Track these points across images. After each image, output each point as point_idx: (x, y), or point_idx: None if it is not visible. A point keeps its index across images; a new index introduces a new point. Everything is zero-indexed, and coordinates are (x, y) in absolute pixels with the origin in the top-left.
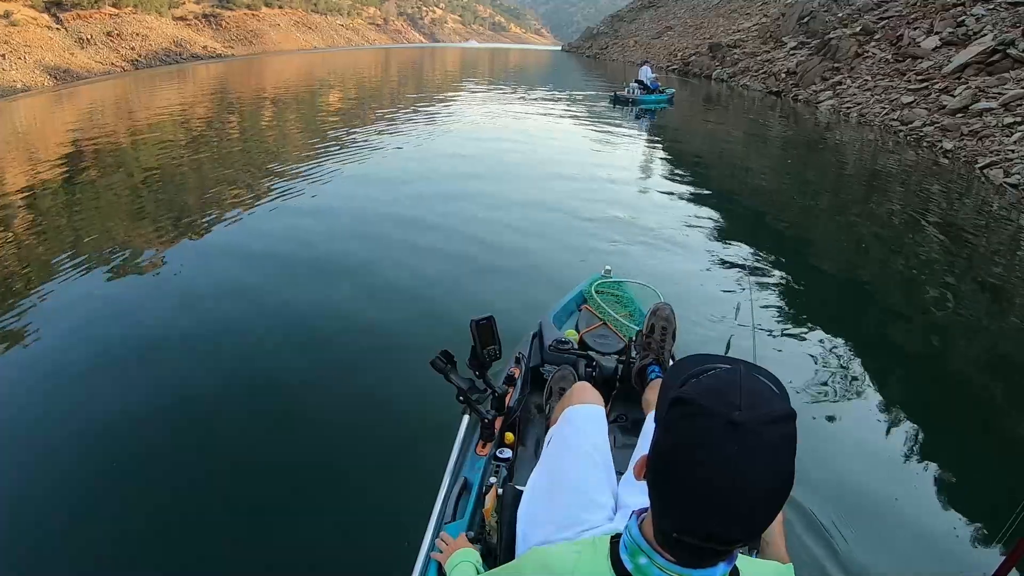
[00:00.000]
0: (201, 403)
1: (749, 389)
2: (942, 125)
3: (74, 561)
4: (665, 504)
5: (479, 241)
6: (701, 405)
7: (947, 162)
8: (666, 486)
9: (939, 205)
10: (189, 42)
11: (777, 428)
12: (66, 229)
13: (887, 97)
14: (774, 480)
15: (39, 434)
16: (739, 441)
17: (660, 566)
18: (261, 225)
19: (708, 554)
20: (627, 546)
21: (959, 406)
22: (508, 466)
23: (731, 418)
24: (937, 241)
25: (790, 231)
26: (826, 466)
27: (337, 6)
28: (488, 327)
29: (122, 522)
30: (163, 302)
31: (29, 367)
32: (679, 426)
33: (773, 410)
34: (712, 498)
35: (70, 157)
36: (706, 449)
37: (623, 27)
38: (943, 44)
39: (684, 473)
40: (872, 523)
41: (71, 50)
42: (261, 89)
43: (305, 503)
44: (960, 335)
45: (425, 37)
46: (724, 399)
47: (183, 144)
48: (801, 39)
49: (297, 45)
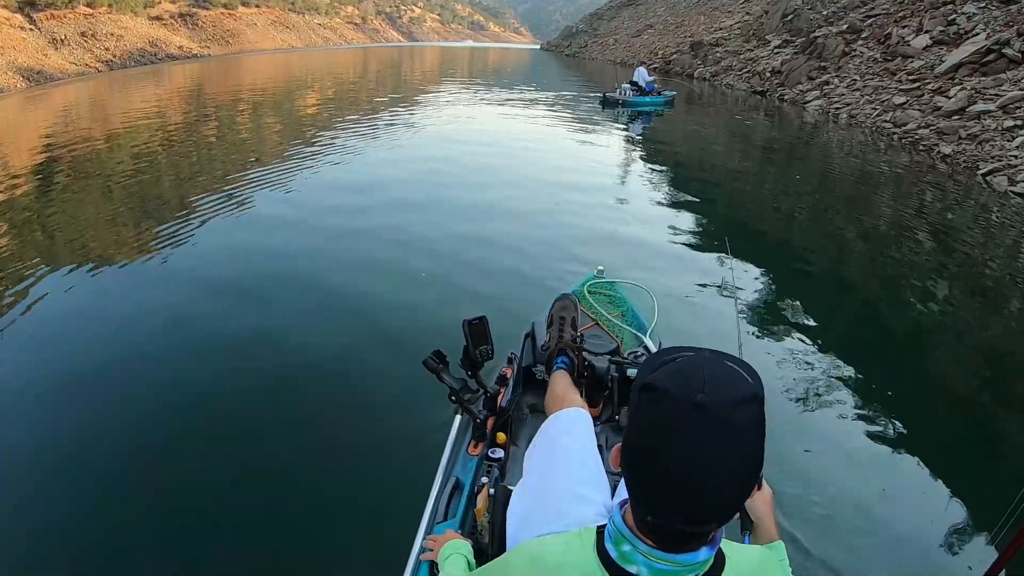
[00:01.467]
0: (192, 405)
1: (713, 373)
2: (938, 128)
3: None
4: (639, 489)
5: (471, 242)
6: (666, 390)
7: (946, 167)
8: (637, 470)
9: (936, 211)
10: (164, 42)
11: (741, 410)
12: (33, 236)
13: (878, 98)
14: (741, 461)
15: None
16: (703, 423)
17: (643, 552)
18: (247, 226)
19: (685, 537)
20: (611, 535)
21: (949, 405)
22: (500, 466)
23: (695, 400)
24: (933, 246)
25: (779, 233)
26: (814, 463)
27: (315, 5)
28: (481, 327)
29: (117, 529)
30: (152, 303)
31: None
32: (647, 411)
33: (736, 391)
34: (680, 480)
35: (41, 161)
36: (672, 432)
37: (602, 25)
38: (934, 43)
39: (653, 456)
40: (861, 522)
41: (44, 51)
42: (236, 91)
43: (296, 504)
44: (951, 337)
45: (404, 36)
46: (688, 383)
47: (156, 149)
48: (785, 37)
49: (274, 44)
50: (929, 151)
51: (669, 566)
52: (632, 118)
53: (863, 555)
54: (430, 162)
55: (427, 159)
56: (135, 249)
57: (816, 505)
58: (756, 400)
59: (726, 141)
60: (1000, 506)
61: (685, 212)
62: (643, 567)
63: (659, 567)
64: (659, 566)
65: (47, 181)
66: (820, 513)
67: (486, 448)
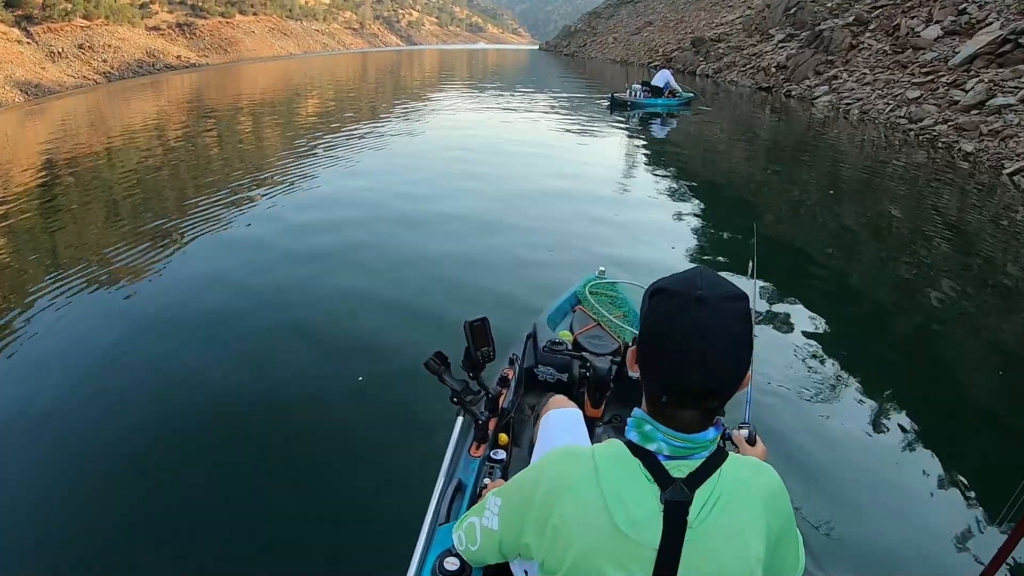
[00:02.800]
0: (192, 406)
1: (708, 277)
2: (957, 123)
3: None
4: (652, 373)
5: (473, 243)
6: (673, 290)
7: (967, 165)
8: (651, 357)
9: (955, 211)
10: (162, 52)
11: (733, 303)
12: (34, 250)
13: (890, 92)
14: (736, 341)
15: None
16: (704, 311)
17: (662, 431)
18: (253, 226)
19: (696, 416)
20: (633, 423)
21: (955, 402)
22: (502, 467)
23: (696, 295)
24: (951, 248)
25: (787, 232)
26: (812, 458)
27: (312, 11)
28: (482, 328)
29: (118, 533)
30: (163, 300)
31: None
32: (657, 308)
33: (728, 290)
34: (688, 355)
35: (39, 177)
36: (679, 319)
37: (601, 24)
38: (946, 34)
39: (664, 341)
40: (861, 518)
41: (42, 64)
42: (236, 99)
43: (299, 504)
44: (960, 336)
45: (402, 40)
46: (690, 284)
47: (158, 159)
48: (789, 31)
49: (272, 52)
50: (949, 149)
51: (683, 443)
52: (643, 120)
53: (862, 551)
54: (431, 167)
55: (428, 164)
56: (134, 262)
57: (814, 500)
58: (743, 298)
59: (731, 139)
60: (1000, 500)
61: (692, 211)
62: (662, 443)
63: (675, 444)
64: (675, 443)
65: (45, 196)
66: (817, 509)
67: (488, 449)
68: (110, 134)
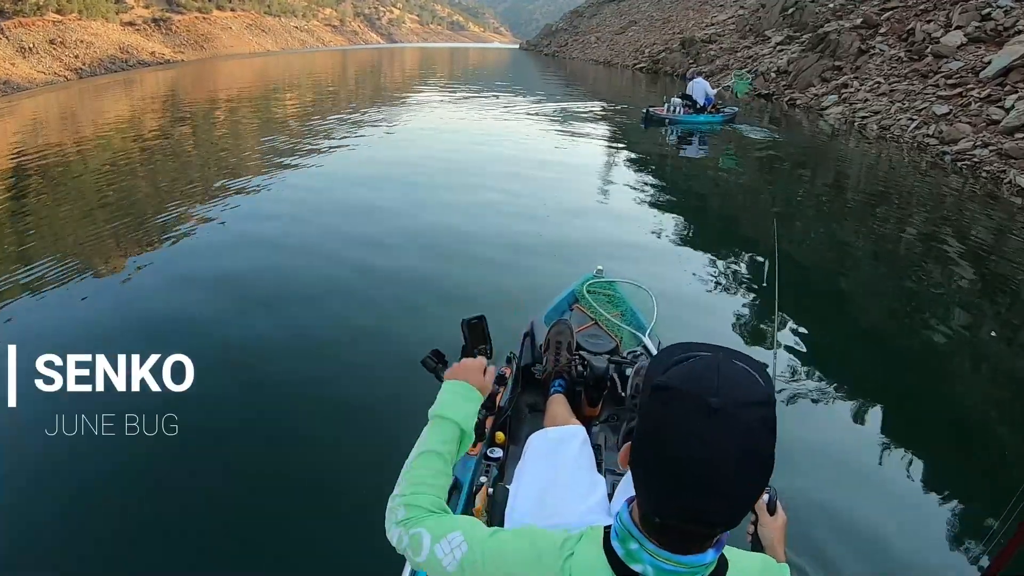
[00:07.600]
0: (191, 406)
1: (727, 375)
2: (1002, 149)
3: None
4: (648, 487)
5: (471, 241)
6: (680, 390)
7: (1021, 202)
8: (647, 469)
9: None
10: (136, 48)
11: (753, 411)
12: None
13: (912, 105)
14: (751, 461)
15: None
16: (715, 423)
17: (650, 551)
18: (243, 226)
19: (693, 538)
20: (618, 532)
21: (955, 401)
22: (499, 466)
23: (708, 403)
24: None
25: (787, 242)
26: (812, 465)
27: (291, 8)
28: (479, 327)
29: (119, 535)
30: (156, 296)
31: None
32: (659, 411)
33: (750, 394)
34: (690, 478)
35: (6, 176)
36: (684, 431)
37: (583, 23)
38: (970, 41)
39: (663, 454)
40: (860, 525)
41: (12, 60)
42: (210, 98)
43: (293, 504)
44: (968, 355)
45: (383, 38)
46: (702, 384)
47: (126, 162)
48: (788, 33)
49: (250, 48)
50: (996, 180)
51: (675, 567)
52: (682, 137)
53: (861, 556)
54: (427, 165)
55: (425, 157)
56: (117, 256)
57: (814, 506)
58: (769, 403)
59: (741, 149)
60: (997, 506)
61: (693, 214)
62: (649, 566)
63: (665, 567)
64: (665, 566)
65: (13, 194)
66: (818, 514)
67: (485, 448)
68: (81, 132)
